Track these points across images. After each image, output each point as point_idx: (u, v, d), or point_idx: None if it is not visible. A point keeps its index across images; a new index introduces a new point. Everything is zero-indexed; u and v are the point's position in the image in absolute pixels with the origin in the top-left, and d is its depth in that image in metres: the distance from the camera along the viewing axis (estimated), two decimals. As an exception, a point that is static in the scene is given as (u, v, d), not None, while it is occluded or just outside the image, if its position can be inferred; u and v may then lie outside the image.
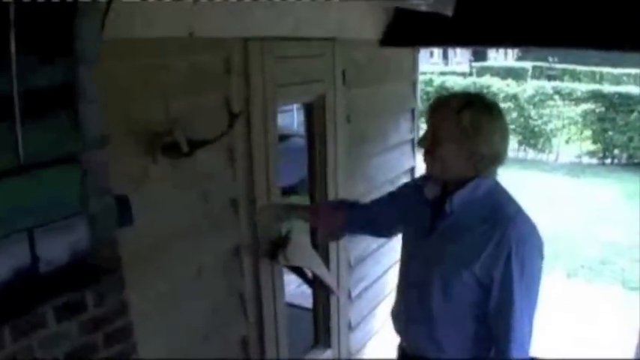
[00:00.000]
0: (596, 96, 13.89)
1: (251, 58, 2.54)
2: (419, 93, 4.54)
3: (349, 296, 3.78)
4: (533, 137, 14.33)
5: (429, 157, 1.88)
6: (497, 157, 1.83)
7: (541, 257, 1.81)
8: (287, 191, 2.81)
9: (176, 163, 2.19)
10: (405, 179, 4.10)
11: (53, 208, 1.49)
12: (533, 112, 14.30)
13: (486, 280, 1.78)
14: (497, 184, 1.89)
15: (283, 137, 7.37)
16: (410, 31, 3.83)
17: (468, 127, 1.76)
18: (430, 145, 1.86)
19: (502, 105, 14.47)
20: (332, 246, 3.43)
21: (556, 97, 14.22)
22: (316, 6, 2.93)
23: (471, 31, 3.53)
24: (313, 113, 3.24)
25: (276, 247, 2.76)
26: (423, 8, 3.07)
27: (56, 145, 1.48)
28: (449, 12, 3.21)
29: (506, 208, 1.83)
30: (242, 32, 2.48)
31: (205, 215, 2.43)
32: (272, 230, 2.75)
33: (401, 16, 3.77)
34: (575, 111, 13.98)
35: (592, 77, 21.01)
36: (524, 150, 14.50)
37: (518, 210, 1.84)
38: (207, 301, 2.51)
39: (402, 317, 2.06)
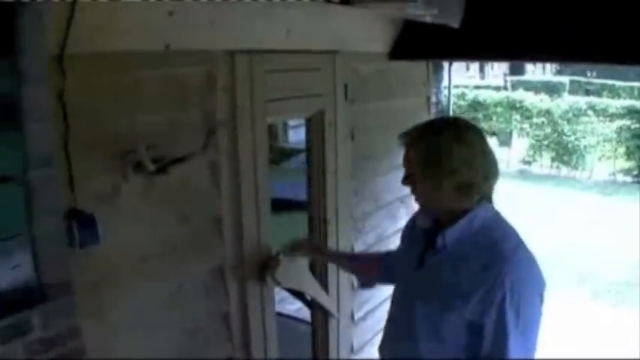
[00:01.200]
0: (631, 112, 13.53)
1: (238, 71, 2.43)
2: (451, 106, 4.41)
3: (352, 319, 3.65)
4: (566, 154, 14.01)
5: (413, 195, 1.79)
6: (484, 184, 1.69)
7: (540, 300, 1.65)
8: (280, 207, 2.70)
9: (151, 181, 2.11)
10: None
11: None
12: (566, 128, 13.99)
13: (479, 322, 1.62)
14: (496, 216, 1.74)
15: (294, 152, 7.26)
16: (421, 44, 3.70)
17: (441, 157, 1.64)
18: (408, 183, 1.76)
19: (535, 120, 14.33)
20: (331, 268, 3.30)
21: (590, 112, 13.88)
22: (314, 17, 2.82)
23: (486, 44, 3.41)
24: (312, 129, 3.14)
25: (264, 268, 2.65)
26: (428, 19, 2.93)
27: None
28: (455, 24, 3.07)
29: (503, 245, 1.67)
30: (226, 44, 2.37)
31: (184, 234, 2.33)
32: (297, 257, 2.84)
33: (411, 28, 3.64)
34: (610, 127, 13.62)
35: (631, 93, 20.47)
36: (557, 167, 14.19)
37: (517, 247, 1.68)
38: (187, 321, 2.40)
39: (388, 355, 1.94)
